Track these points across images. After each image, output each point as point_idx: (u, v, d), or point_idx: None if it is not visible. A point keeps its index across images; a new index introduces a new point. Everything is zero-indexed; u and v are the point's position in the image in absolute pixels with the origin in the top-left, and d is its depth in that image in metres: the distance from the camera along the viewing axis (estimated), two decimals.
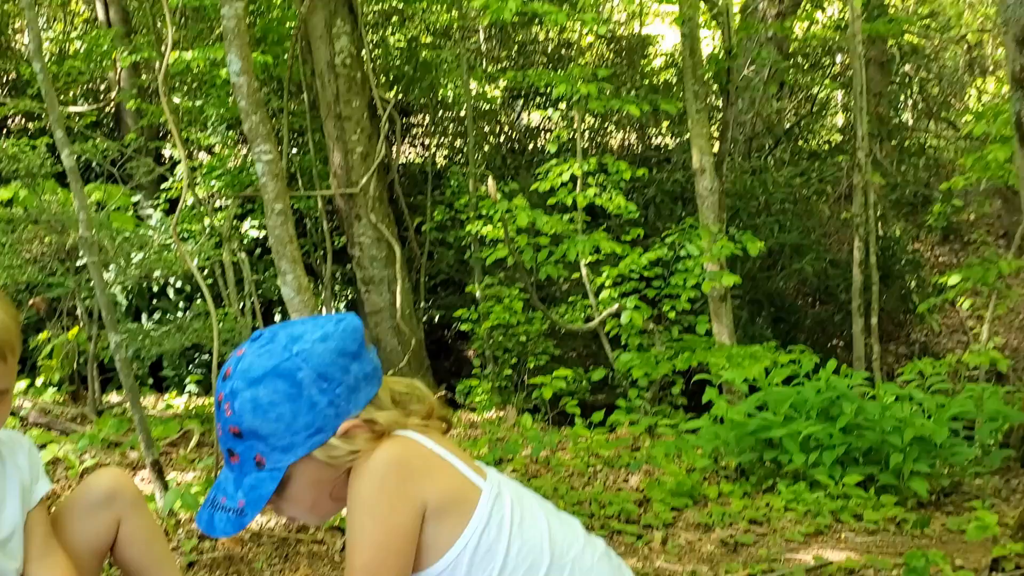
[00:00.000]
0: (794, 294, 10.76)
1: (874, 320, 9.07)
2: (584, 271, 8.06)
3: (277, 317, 8.67)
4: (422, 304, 9.84)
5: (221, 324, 5.94)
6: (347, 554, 1.43)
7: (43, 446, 4.34)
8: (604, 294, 7.83)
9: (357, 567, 1.40)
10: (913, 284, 10.74)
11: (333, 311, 8.32)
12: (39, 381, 6.15)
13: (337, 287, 9.51)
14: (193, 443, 4.83)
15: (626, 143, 12.26)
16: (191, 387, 7.96)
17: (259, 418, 1.42)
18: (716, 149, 9.23)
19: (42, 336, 5.93)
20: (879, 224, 10.06)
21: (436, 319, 10.24)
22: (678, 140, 11.62)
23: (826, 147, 12.94)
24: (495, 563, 1.44)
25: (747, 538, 3.32)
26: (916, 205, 11.71)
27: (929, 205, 10.88)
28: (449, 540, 1.44)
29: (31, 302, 6.11)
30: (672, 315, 7.57)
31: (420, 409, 1.55)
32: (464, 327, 8.65)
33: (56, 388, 6.14)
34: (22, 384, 6.25)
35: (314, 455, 1.43)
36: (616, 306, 7.63)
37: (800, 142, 12.65)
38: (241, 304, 7.31)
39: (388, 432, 1.47)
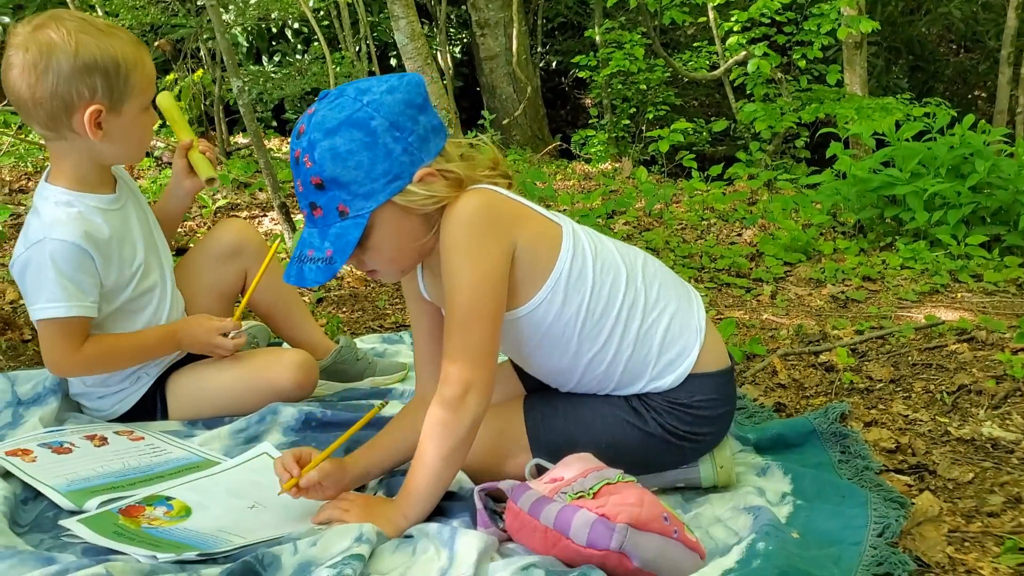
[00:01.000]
0: (936, 41, 10.02)
1: None
2: (711, 15, 7.65)
3: (392, 62, 8.63)
4: (539, 49, 9.60)
5: (338, 68, 5.97)
6: (447, 296, 1.52)
7: None
8: (731, 40, 7.46)
9: (457, 305, 1.50)
10: None
11: (448, 56, 8.21)
12: None
13: (451, 30, 9.32)
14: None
15: None
16: None
17: (339, 166, 1.47)
18: None
19: (169, 78, 6.07)
20: None
21: (553, 65, 10.00)
22: None
23: None
24: (586, 284, 1.59)
25: (859, 294, 3.30)
26: None
27: None
28: (544, 273, 1.57)
29: (156, 44, 6.21)
30: (802, 63, 7.19)
31: (485, 161, 1.61)
32: (582, 74, 8.44)
33: None
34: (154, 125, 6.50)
35: (394, 201, 1.50)
36: (743, 53, 7.27)
37: None
38: (357, 48, 7.27)
39: (463, 182, 1.54)
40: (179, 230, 3.97)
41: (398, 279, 1.68)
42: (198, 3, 5.67)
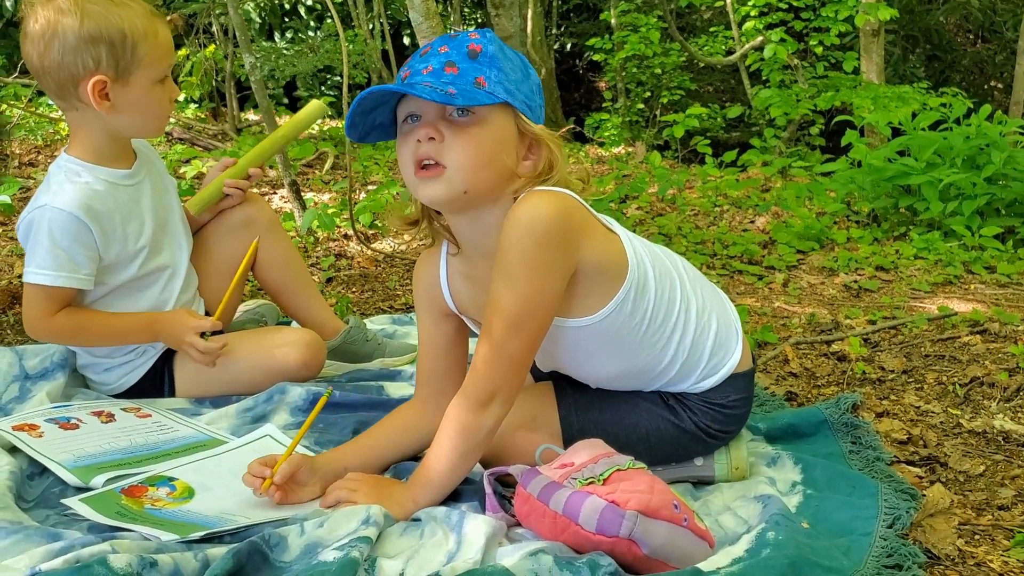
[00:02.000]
0: (954, 30, 9.93)
1: None
2: None
3: (406, 40, 8.59)
4: (554, 30, 9.55)
5: (351, 46, 5.94)
6: (494, 296, 1.46)
7: (187, 161, 4.56)
8: (748, 25, 7.40)
9: (504, 312, 1.45)
10: None
11: None
12: (180, 97, 6.36)
13: (466, 10, 9.28)
14: (328, 165, 4.98)
15: None
16: None
17: (500, 54, 1.46)
18: None
19: (181, 53, 6.05)
20: None
21: (568, 47, 9.96)
22: None
23: None
24: (650, 292, 1.56)
25: (872, 284, 3.28)
26: None
27: None
28: (614, 284, 1.52)
29: (169, 18, 6.19)
30: (819, 50, 7.14)
31: (580, 175, 1.58)
32: (597, 57, 8.39)
33: (197, 105, 6.35)
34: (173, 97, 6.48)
35: (519, 114, 1.47)
36: (760, 39, 7.22)
37: None
38: (370, 26, 7.24)
39: (557, 168, 1.50)
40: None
41: (447, 197, 1.47)
42: None
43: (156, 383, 2.12)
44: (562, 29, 9.84)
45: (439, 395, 1.66)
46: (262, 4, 7.77)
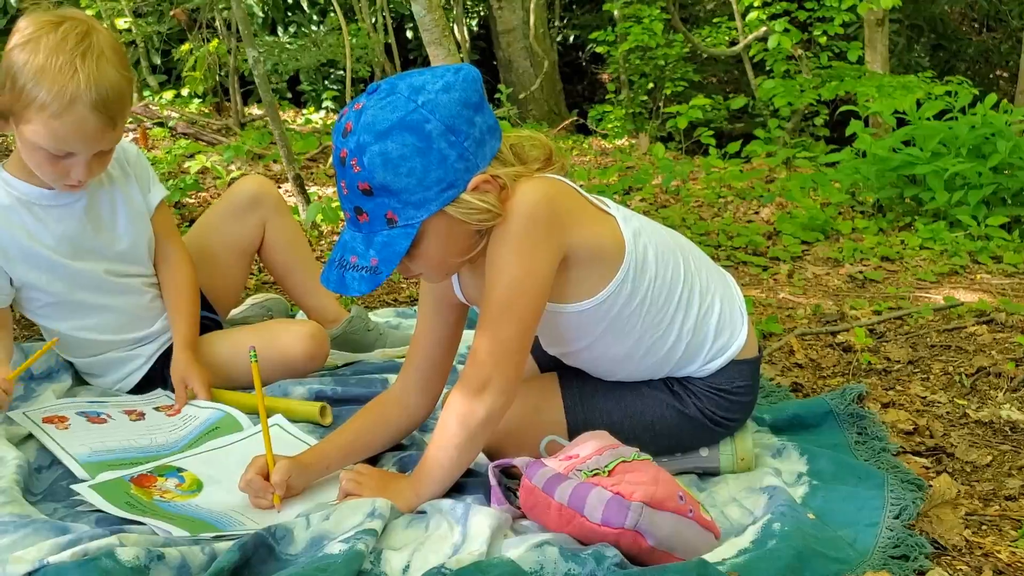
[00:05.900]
0: (959, 19, 9.90)
1: None
2: None
3: (409, 34, 8.58)
4: (556, 23, 9.53)
5: (353, 40, 5.94)
6: (486, 286, 1.47)
7: (191, 156, 4.56)
8: (752, 15, 7.38)
9: (494, 299, 1.45)
10: None
11: (464, 29, 8.15)
12: (184, 92, 6.36)
13: (468, 3, 9.26)
14: (332, 159, 4.98)
15: None
16: (327, 103, 8.10)
17: (390, 173, 1.37)
18: None
19: (184, 47, 6.05)
20: None
21: (570, 39, 9.93)
22: None
23: None
24: (649, 272, 1.55)
25: (877, 274, 3.28)
26: None
27: None
28: (612, 266, 1.52)
29: (172, 13, 6.19)
30: (823, 40, 7.11)
31: (538, 155, 1.54)
32: (600, 49, 8.37)
33: (200, 99, 6.35)
34: (168, 95, 6.48)
35: (446, 211, 1.41)
36: (764, 29, 7.19)
37: None
38: (373, 19, 7.23)
39: (512, 186, 1.46)
40: (191, 200, 3.97)
41: (443, 280, 1.60)
42: None
43: (156, 384, 2.09)
44: (565, 21, 9.81)
45: (425, 384, 1.67)
46: None
